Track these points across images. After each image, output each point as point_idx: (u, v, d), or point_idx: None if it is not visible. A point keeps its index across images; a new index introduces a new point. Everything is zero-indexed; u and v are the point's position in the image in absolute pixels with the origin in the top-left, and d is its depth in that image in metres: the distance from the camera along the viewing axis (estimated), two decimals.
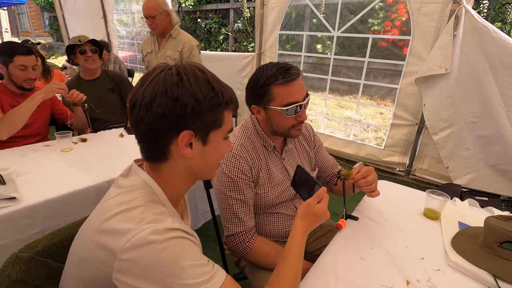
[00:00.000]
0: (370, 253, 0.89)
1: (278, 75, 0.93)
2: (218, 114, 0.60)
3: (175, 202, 0.69)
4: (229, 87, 0.62)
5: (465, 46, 2.30)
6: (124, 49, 5.92)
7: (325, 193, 0.79)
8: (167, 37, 2.38)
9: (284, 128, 1.00)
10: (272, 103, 0.96)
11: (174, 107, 0.55)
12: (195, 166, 0.64)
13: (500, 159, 2.34)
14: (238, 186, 0.98)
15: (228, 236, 1.01)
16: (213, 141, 0.62)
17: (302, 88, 0.97)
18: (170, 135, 0.58)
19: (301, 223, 0.78)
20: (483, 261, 0.84)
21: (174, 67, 0.58)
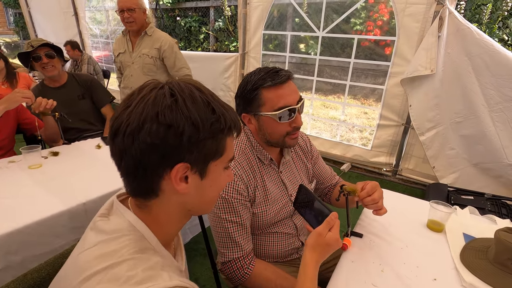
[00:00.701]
0: (381, 277, 0.82)
1: (267, 78, 0.86)
2: (220, 142, 0.50)
3: (168, 243, 0.58)
4: (230, 108, 0.52)
5: (449, 47, 2.32)
6: (98, 48, 5.60)
7: (336, 219, 0.71)
8: (142, 35, 2.23)
9: (278, 137, 0.91)
10: (263, 109, 0.88)
11: (166, 135, 0.44)
12: (190, 202, 0.53)
13: (483, 158, 2.39)
14: (234, 208, 0.88)
15: (224, 263, 0.91)
16: (213, 172, 0.52)
17: (294, 91, 0.89)
18: (162, 169, 0.47)
19: (312, 255, 0.70)
20: (498, 279, 0.80)
21: (167, 85, 0.47)
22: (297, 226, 1.05)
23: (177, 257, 0.65)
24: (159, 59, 2.26)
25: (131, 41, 2.30)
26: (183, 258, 0.65)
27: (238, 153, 0.94)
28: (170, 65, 2.28)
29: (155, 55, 2.23)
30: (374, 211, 0.93)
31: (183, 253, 0.66)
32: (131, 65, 2.29)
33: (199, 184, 0.51)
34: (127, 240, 0.48)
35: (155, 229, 0.52)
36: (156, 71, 2.28)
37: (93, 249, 0.47)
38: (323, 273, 1.11)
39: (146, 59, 2.23)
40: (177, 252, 0.66)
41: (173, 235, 0.58)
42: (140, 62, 2.25)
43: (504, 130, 2.24)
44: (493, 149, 2.29)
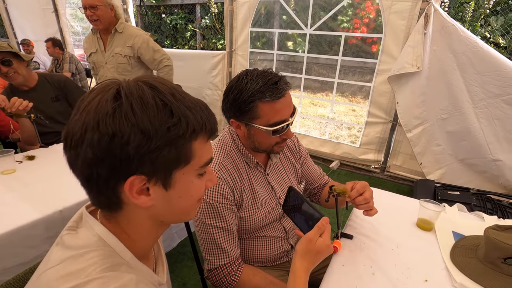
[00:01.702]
0: (373, 281, 0.80)
1: (266, 91, 0.79)
2: (182, 149, 0.44)
3: (145, 255, 0.54)
4: (201, 107, 0.46)
5: (435, 44, 2.33)
6: (80, 46, 5.41)
7: (327, 224, 0.68)
8: (112, 33, 2.11)
9: (267, 146, 0.89)
10: (256, 121, 0.83)
11: (110, 146, 0.39)
12: (160, 214, 0.48)
13: (468, 153, 2.43)
14: (219, 213, 0.84)
15: (210, 270, 0.87)
16: (181, 182, 0.46)
17: (290, 104, 0.85)
18: (114, 183, 0.42)
19: (302, 263, 0.67)
20: (488, 279, 0.79)
21: (115, 86, 0.42)
22: (286, 229, 1.02)
23: (158, 268, 0.61)
24: (134, 58, 2.16)
25: (102, 40, 2.17)
26: (164, 269, 0.61)
27: (224, 156, 0.90)
28: (149, 61, 2.19)
29: (129, 54, 2.13)
30: (365, 212, 0.91)
31: (165, 264, 0.62)
32: (105, 66, 2.18)
33: (165, 196, 0.46)
34: (96, 257, 0.43)
35: (127, 242, 0.47)
36: (131, 70, 2.18)
37: (57, 268, 0.42)
38: (313, 276, 1.09)
39: (119, 58, 2.13)
40: (158, 263, 0.62)
41: (149, 246, 0.54)
42: (114, 61, 2.14)
43: (488, 126, 2.28)
44: (478, 145, 2.33)
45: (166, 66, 2.24)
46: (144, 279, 0.47)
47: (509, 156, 2.26)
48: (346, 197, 0.89)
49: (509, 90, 2.13)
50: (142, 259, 0.50)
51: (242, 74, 0.85)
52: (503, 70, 2.12)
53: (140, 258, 0.50)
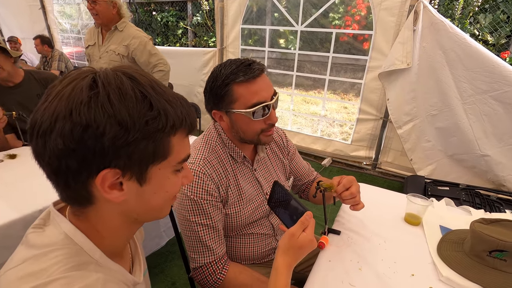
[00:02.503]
0: (359, 276, 0.79)
1: (239, 72, 0.79)
2: (160, 143, 0.42)
3: (118, 254, 0.52)
4: (181, 102, 0.44)
5: (424, 40, 2.34)
6: (69, 44, 5.31)
7: (311, 219, 0.66)
8: (112, 30, 2.09)
9: (252, 134, 0.85)
10: (235, 105, 0.81)
11: (83, 137, 0.37)
12: (133, 210, 0.46)
13: (457, 149, 2.46)
14: (204, 209, 0.82)
15: (195, 268, 0.85)
16: (156, 177, 0.44)
17: (268, 85, 0.83)
18: (85, 177, 0.40)
19: (284, 259, 0.65)
20: (474, 272, 0.79)
21: (91, 74, 0.40)
22: (274, 226, 1.01)
23: (135, 267, 0.59)
24: (128, 58, 2.11)
25: (102, 34, 2.15)
26: (141, 268, 0.59)
27: (209, 151, 0.88)
28: (144, 64, 2.14)
29: (122, 53, 2.09)
30: (352, 206, 0.90)
31: (142, 262, 0.60)
32: (98, 60, 2.15)
33: (139, 191, 0.44)
34: (61, 255, 0.41)
35: (97, 239, 0.45)
36: None
37: (19, 268, 0.40)
38: (300, 273, 1.08)
39: (112, 55, 2.09)
40: (135, 262, 0.59)
41: (122, 244, 0.52)
42: (107, 58, 2.11)
43: (477, 122, 2.30)
44: (467, 140, 2.36)
45: (160, 70, 2.19)
46: (114, 279, 0.44)
47: (496, 151, 2.29)
48: (333, 192, 0.88)
49: (497, 86, 2.15)
50: (114, 257, 0.48)
51: (217, 65, 0.85)
52: (491, 66, 2.14)
53: (112, 256, 0.47)
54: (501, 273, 0.76)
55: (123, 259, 0.54)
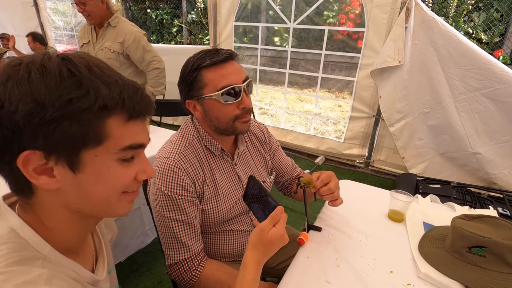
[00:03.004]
0: (337, 273, 0.77)
1: (205, 57, 0.80)
2: (89, 125, 0.39)
3: (73, 250, 0.49)
4: (125, 85, 0.42)
5: (416, 38, 2.33)
6: (62, 42, 5.26)
7: (282, 214, 0.65)
8: (105, 26, 2.05)
9: (226, 121, 0.83)
10: (205, 91, 0.80)
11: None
12: (74, 202, 0.43)
13: (449, 147, 2.45)
14: (178, 205, 0.80)
15: (171, 265, 0.84)
16: (93, 165, 0.41)
17: (238, 70, 0.82)
18: (8, 158, 0.38)
19: (253, 254, 0.63)
20: (453, 269, 0.77)
21: (26, 57, 0.38)
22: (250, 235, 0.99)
23: (98, 264, 0.57)
24: (123, 55, 2.08)
25: (95, 32, 2.12)
26: (105, 265, 0.57)
27: (185, 145, 0.86)
28: (138, 60, 2.11)
29: (118, 50, 2.05)
30: (330, 202, 0.88)
31: (106, 260, 0.58)
32: None
33: (76, 181, 0.41)
34: (4, 250, 0.39)
35: (45, 234, 0.43)
36: (119, 67, 2.10)
37: None
38: (278, 269, 1.07)
39: (108, 53, 2.05)
40: (99, 259, 0.57)
41: (76, 240, 0.49)
42: (102, 55, 2.07)
43: (468, 120, 2.30)
44: (458, 138, 2.35)
45: (155, 68, 2.14)
46: (62, 275, 0.42)
47: (488, 149, 2.29)
48: (311, 187, 0.86)
49: (488, 84, 2.15)
50: (68, 253, 0.46)
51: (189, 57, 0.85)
52: (482, 64, 2.13)
53: (66, 252, 0.45)
54: (480, 269, 0.75)
55: (81, 255, 0.51)
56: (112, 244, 1.45)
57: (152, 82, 2.16)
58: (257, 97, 3.68)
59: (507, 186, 2.26)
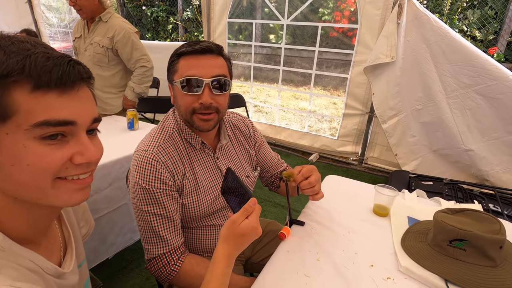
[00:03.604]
0: (316, 267, 0.76)
1: (186, 44, 0.80)
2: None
3: (33, 239, 0.48)
4: (36, 50, 0.38)
5: (408, 34, 2.32)
6: (56, 39, 5.22)
7: (255, 206, 0.63)
8: (96, 21, 2.03)
9: (185, 111, 0.82)
10: (174, 76, 0.82)
11: None
12: (3, 186, 0.40)
13: (442, 144, 2.45)
14: (157, 199, 0.79)
15: (149, 260, 0.82)
16: (6, 143, 0.37)
17: (211, 65, 0.79)
18: None
19: (223, 247, 0.61)
20: (434, 262, 0.76)
21: None
22: None
23: (66, 256, 0.55)
24: (112, 50, 2.05)
25: (87, 26, 2.10)
26: (72, 258, 0.55)
27: (164, 138, 0.84)
28: (126, 58, 2.08)
29: (107, 45, 2.03)
30: (311, 196, 0.87)
31: (74, 252, 0.56)
32: (84, 53, 2.10)
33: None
34: None
35: None
36: (108, 63, 2.08)
37: None
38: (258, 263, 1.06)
39: (97, 48, 2.03)
40: (68, 251, 0.56)
41: (29, 230, 0.46)
42: (91, 50, 2.05)
43: (461, 117, 2.29)
44: (451, 135, 2.35)
45: (142, 66, 2.11)
46: (14, 264, 0.41)
47: (480, 146, 2.28)
48: (292, 181, 0.85)
49: (480, 80, 2.14)
50: (26, 244, 0.45)
51: None
52: (474, 60, 2.13)
53: (22, 242, 0.44)
54: (460, 262, 0.74)
55: (43, 246, 0.50)
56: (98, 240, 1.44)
57: (137, 79, 2.12)
58: (252, 95, 3.67)
59: (498, 183, 2.26)
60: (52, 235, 0.54)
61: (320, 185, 0.88)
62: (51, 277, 0.47)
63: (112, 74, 2.12)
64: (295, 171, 0.86)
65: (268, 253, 1.05)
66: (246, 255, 1.08)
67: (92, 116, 0.44)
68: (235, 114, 1.06)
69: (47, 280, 0.46)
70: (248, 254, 1.09)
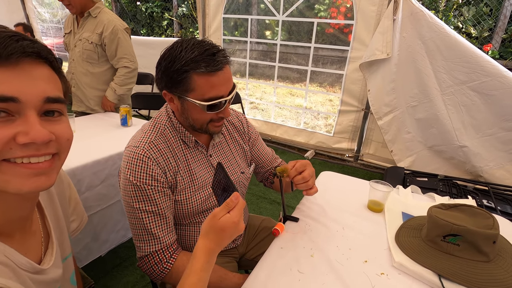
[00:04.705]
0: (309, 263, 0.76)
1: (201, 61, 0.72)
2: None
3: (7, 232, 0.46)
4: None
5: (404, 30, 2.32)
6: (49, 34, 5.14)
7: (237, 200, 0.60)
8: (85, 16, 1.97)
9: (201, 124, 0.81)
10: (190, 95, 0.76)
11: None
12: None
13: (436, 140, 2.46)
14: (148, 195, 0.78)
15: (141, 257, 0.81)
16: None
17: (228, 80, 0.78)
18: None
19: (204, 242, 0.59)
20: (427, 257, 0.76)
21: None
22: None
23: (47, 251, 0.54)
24: (101, 47, 1.99)
25: (77, 21, 2.04)
26: (53, 254, 0.54)
27: (156, 134, 0.83)
28: (110, 55, 2.00)
29: (96, 41, 1.96)
30: (305, 191, 0.86)
31: (55, 247, 0.55)
32: (74, 49, 2.05)
33: None
34: None
35: None
36: (97, 60, 2.02)
37: None
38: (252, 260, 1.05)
39: (85, 44, 1.97)
40: (49, 245, 0.54)
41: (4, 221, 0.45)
42: (80, 46, 2.00)
43: (455, 113, 2.30)
44: (445, 131, 2.35)
45: (125, 67, 2.03)
46: None
47: (474, 142, 2.30)
48: (286, 177, 0.84)
49: (475, 77, 2.15)
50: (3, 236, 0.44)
51: (177, 42, 0.77)
52: (469, 57, 2.13)
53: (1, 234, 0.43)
54: (453, 257, 0.74)
55: (18, 240, 0.48)
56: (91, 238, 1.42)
57: (119, 80, 2.04)
58: (248, 92, 3.65)
59: (492, 179, 2.28)
60: (31, 230, 0.52)
61: (314, 180, 0.87)
62: (25, 272, 0.46)
63: (103, 71, 2.07)
64: (288, 166, 0.85)
65: (263, 249, 1.04)
66: (241, 251, 1.07)
67: (42, 95, 0.40)
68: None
69: (19, 274, 0.44)
70: (243, 250, 1.08)
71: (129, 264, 1.67)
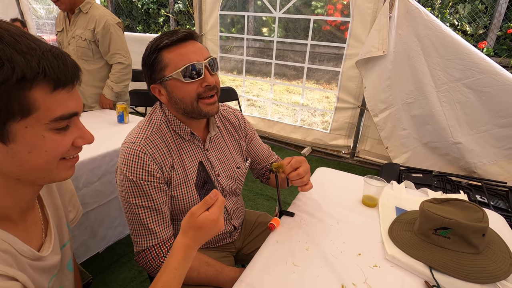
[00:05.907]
0: (304, 257, 0.77)
1: (164, 37, 0.78)
2: (9, 98, 0.39)
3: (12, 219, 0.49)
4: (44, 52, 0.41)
5: (400, 28, 2.33)
6: (44, 31, 5.09)
7: (216, 197, 0.60)
8: (76, 12, 1.93)
9: (190, 101, 0.80)
10: (166, 72, 0.78)
11: None
12: (11, 170, 0.45)
13: (431, 137, 2.48)
14: (145, 191, 0.78)
15: (138, 252, 0.82)
16: (25, 136, 0.42)
17: (199, 49, 0.80)
18: None
19: (182, 239, 0.60)
20: (419, 250, 0.78)
21: None
22: (228, 210, 0.98)
23: (46, 238, 0.55)
24: (95, 43, 1.97)
25: (68, 18, 2.00)
26: (51, 241, 0.56)
27: (152, 130, 0.84)
28: (103, 51, 1.99)
29: (89, 38, 1.94)
30: (300, 187, 0.88)
31: (53, 235, 0.56)
32: (68, 47, 2.02)
33: (9, 151, 0.42)
34: None
35: None
36: (92, 57, 2.00)
37: None
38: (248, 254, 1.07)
39: (79, 41, 1.95)
40: (48, 235, 0.56)
41: (11, 207, 0.48)
42: (74, 44, 1.97)
43: (450, 110, 2.33)
44: (440, 128, 2.38)
45: (119, 63, 2.02)
46: None
47: (468, 139, 2.33)
48: (281, 172, 0.86)
49: (469, 74, 2.17)
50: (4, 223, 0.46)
51: None
52: (464, 54, 2.15)
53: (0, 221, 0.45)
54: (444, 250, 0.76)
55: (21, 228, 0.50)
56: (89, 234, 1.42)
57: (115, 77, 2.04)
58: (244, 89, 3.65)
59: (486, 175, 2.31)
60: (34, 219, 0.54)
61: (309, 176, 0.88)
62: (26, 259, 0.48)
63: (99, 68, 2.05)
64: (284, 162, 0.87)
65: (259, 244, 1.04)
66: (237, 246, 1.09)
67: (81, 107, 0.50)
68: (225, 106, 1.05)
69: (20, 261, 0.47)
70: (239, 245, 1.10)
71: (126, 260, 1.68)
